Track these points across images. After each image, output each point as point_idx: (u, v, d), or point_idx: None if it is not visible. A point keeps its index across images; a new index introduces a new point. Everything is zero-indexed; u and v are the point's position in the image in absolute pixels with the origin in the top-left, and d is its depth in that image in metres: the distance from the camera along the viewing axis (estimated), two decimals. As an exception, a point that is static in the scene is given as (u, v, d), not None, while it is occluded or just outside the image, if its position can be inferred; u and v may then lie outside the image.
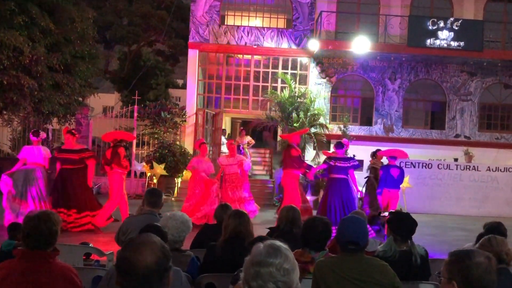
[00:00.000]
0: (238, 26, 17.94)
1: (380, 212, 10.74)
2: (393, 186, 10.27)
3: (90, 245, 5.49)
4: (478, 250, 2.33)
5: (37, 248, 2.80)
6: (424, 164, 14.15)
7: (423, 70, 17.93)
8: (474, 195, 14.20)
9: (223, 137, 17.69)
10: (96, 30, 13.73)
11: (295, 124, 16.31)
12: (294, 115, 16.41)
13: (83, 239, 6.88)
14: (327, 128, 16.83)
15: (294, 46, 17.84)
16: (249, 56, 18.11)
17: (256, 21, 18.39)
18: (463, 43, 16.22)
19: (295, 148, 10.26)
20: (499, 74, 17.96)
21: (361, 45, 16.07)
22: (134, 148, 16.04)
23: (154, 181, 14.52)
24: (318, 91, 17.50)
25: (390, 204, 10.26)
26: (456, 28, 16.16)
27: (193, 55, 17.87)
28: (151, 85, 27.46)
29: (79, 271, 2.99)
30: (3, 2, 11.01)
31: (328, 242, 3.80)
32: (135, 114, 15.97)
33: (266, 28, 17.97)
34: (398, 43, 16.84)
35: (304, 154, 16.70)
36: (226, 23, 18.15)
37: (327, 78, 17.66)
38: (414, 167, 13.91)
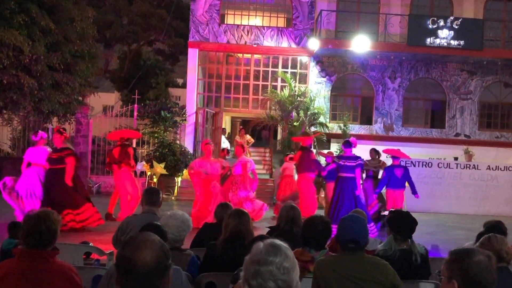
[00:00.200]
0: (238, 25, 17.93)
1: (380, 211, 10.75)
2: (397, 186, 10.28)
3: (90, 244, 5.48)
4: (478, 248, 2.33)
5: (36, 247, 2.80)
6: (424, 163, 14.13)
7: (423, 69, 17.92)
8: (474, 194, 14.19)
9: (223, 136, 17.70)
10: (96, 29, 13.70)
11: (295, 123, 16.31)
12: (294, 114, 16.41)
13: (83, 238, 6.87)
14: (327, 127, 16.83)
15: (294, 45, 17.83)
16: (249, 55, 18.10)
17: (256, 20, 18.38)
18: (463, 42, 16.21)
19: (312, 151, 10.29)
20: (499, 73, 17.95)
21: (361, 44, 16.07)
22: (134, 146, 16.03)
23: (154, 180, 14.51)
24: (318, 90, 17.50)
25: (396, 205, 10.25)
26: (456, 27, 16.16)
27: (193, 54, 17.87)
28: (151, 84, 27.40)
29: (79, 271, 2.99)
30: (3, 1, 11.00)
31: (328, 241, 3.80)
32: (135, 113, 15.97)
33: (266, 27, 17.96)
34: (398, 42, 16.83)
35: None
36: (226, 22, 18.14)
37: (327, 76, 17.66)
38: (414, 166, 13.88)
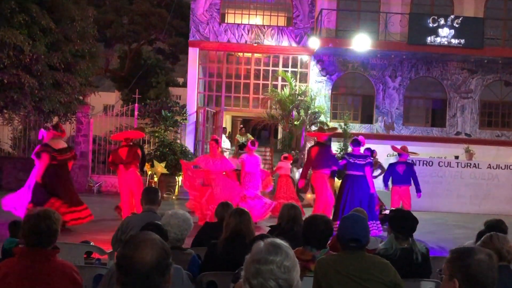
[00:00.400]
0: (239, 24, 17.93)
1: (382, 210, 10.75)
2: (400, 182, 10.26)
3: (91, 243, 5.49)
4: (479, 247, 2.33)
5: (37, 246, 2.80)
6: (424, 162, 14.12)
7: (423, 67, 17.90)
8: (474, 192, 14.18)
9: (224, 135, 17.68)
10: (96, 28, 13.67)
11: (295, 123, 16.30)
12: (295, 113, 16.40)
13: (84, 237, 6.88)
14: (328, 126, 16.80)
15: (294, 44, 17.82)
16: (249, 54, 18.09)
17: (256, 19, 18.37)
18: (463, 40, 16.19)
19: (330, 146, 10.01)
20: (500, 71, 17.93)
21: (361, 43, 16.05)
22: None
23: (155, 179, 14.50)
24: (319, 89, 17.49)
25: (403, 201, 10.22)
26: (456, 25, 16.14)
27: (193, 53, 17.86)
28: (152, 83, 27.45)
29: (80, 270, 2.99)
30: (3, 1, 10.99)
31: (329, 240, 3.80)
32: (136, 113, 15.95)
33: (266, 26, 17.94)
34: (398, 41, 16.81)
35: (304, 152, 16.73)
36: (226, 21, 18.14)
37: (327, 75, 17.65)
38: (415, 164, 13.83)
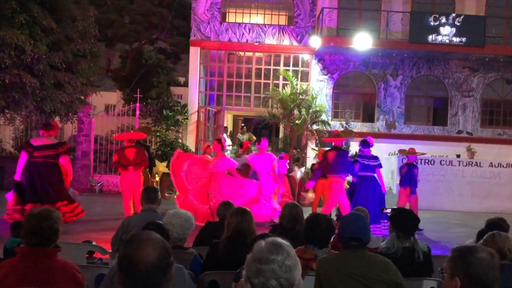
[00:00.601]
0: (240, 23, 17.92)
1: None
2: (403, 184, 10.38)
3: (93, 243, 5.50)
4: (481, 246, 2.33)
5: (38, 245, 2.81)
6: (426, 161, 14.11)
7: (425, 66, 17.87)
8: (476, 191, 14.17)
9: (225, 134, 17.68)
10: (97, 28, 13.65)
11: (297, 122, 16.29)
12: (296, 112, 16.39)
13: (86, 237, 6.89)
14: (329, 125, 16.81)
15: (295, 43, 17.81)
16: (250, 53, 18.08)
17: (258, 18, 18.36)
18: (465, 39, 16.15)
19: (347, 151, 9.80)
20: (501, 69, 17.90)
21: (362, 41, 16.02)
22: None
23: (156, 179, 14.51)
24: (320, 88, 17.48)
25: (411, 204, 10.21)
26: (458, 24, 16.10)
27: (194, 53, 17.86)
28: (153, 83, 27.40)
29: (82, 269, 3.00)
30: (4, 1, 11.00)
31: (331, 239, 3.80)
32: (137, 112, 15.96)
33: (267, 25, 17.93)
34: (400, 39, 16.77)
35: (305, 151, 16.74)
36: (227, 21, 18.13)
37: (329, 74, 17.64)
38: (417, 163, 13.87)
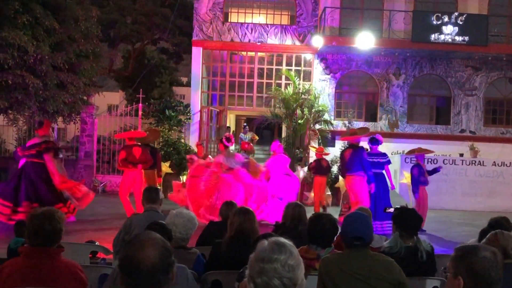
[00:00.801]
0: (242, 23, 17.92)
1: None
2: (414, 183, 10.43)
3: (96, 243, 5.50)
4: (484, 245, 2.32)
5: (41, 245, 2.82)
6: (429, 160, 14.08)
7: (427, 65, 17.85)
8: (480, 190, 14.15)
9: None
10: (100, 28, 13.68)
11: (299, 121, 16.28)
12: (299, 111, 16.38)
13: (89, 237, 6.90)
14: (332, 124, 16.80)
15: (298, 43, 17.81)
16: (253, 53, 18.08)
17: (260, 18, 18.36)
18: (467, 37, 16.12)
19: (364, 149, 9.51)
20: (504, 68, 17.86)
21: (365, 40, 16.00)
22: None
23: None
24: (322, 88, 17.47)
25: (417, 204, 10.23)
26: (460, 22, 16.07)
27: (197, 53, 17.88)
28: (155, 83, 27.41)
29: (85, 269, 3.01)
30: (7, 2, 11.02)
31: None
32: (140, 112, 15.99)
33: (269, 25, 17.93)
34: (402, 39, 16.75)
35: (308, 151, 16.72)
36: (229, 20, 18.13)
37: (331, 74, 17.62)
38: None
